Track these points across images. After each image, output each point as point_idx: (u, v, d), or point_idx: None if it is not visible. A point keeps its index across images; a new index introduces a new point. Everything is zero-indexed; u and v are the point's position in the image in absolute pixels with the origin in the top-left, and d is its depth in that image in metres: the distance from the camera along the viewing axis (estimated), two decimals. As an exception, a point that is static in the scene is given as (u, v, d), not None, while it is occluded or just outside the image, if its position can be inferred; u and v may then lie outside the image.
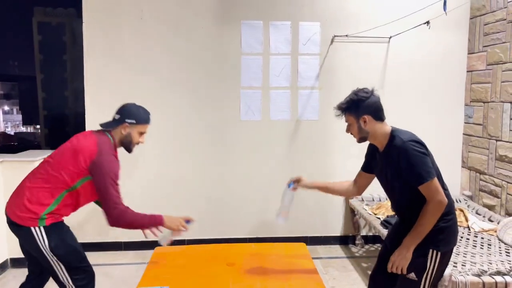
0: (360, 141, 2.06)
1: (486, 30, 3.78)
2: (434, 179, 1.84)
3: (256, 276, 2.21)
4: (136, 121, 2.24)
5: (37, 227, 2.04)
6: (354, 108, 1.98)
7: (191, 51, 3.89)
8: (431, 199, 1.84)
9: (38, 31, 5.37)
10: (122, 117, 2.22)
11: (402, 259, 1.90)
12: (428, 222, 1.85)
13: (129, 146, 2.29)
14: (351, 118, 2.02)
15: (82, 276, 2.18)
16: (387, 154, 1.97)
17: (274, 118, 4.02)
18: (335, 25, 3.96)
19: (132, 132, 2.25)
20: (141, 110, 2.29)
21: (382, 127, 1.99)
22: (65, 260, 2.10)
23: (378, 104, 1.99)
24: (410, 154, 1.84)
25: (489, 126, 3.73)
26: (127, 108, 2.26)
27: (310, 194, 4.08)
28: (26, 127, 39.30)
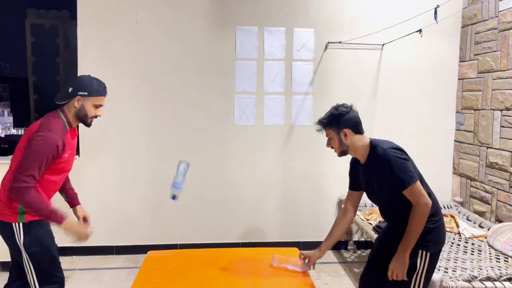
0: (340, 154, 2.13)
1: (478, 39, 3.84)
2: (416, 182, 1.91)
3: (248, 280, 2.21)
4: (88, 93, 2.10)
5: (17, 223, 2.04)
6: (335, 122, 2.06)
7: (185, 56, 3.90)
8: (417, 202, 1.91)
9: (31, 33, 5.34)
10: (74, 89, 2.10)
11: (400, 266, 1.95)
12: (418, 225, 1.91)
13: (85, 120, 2.16)
14: (332, 132, 2.09)
15: (50, 280, 2.15)
16: (370, 164, 2.04)
17: (268, 123, 4.03)
18: (329, 31, 3.99)
19: (86, 105, 2.12)
20: (94, 82, 2.15)
21: (361, 140, 2.06)
22: (36, 260, 2.08)
23: (357, 119, 2.08)
24: (392, 161, 1.91)
25: (480, 134, 3.78)
26: (79, 80, 2.15)
27: (302, 199, 4.11)
28: (17, 130, 38.91)
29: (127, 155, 3.91)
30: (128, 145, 3.91)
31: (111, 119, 3.80)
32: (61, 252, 3.71)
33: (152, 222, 3.98)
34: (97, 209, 3.85)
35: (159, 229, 4.01)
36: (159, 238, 3.99)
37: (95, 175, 3.89)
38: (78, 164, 3.70)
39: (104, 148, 3.87)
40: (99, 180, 3.89)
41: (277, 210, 4.12)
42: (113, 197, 3.92)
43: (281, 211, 4.11)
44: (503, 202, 3.45)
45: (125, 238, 3.98)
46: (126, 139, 3.91)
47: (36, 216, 2.07)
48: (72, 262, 3.78)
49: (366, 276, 2.27)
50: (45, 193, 2.13)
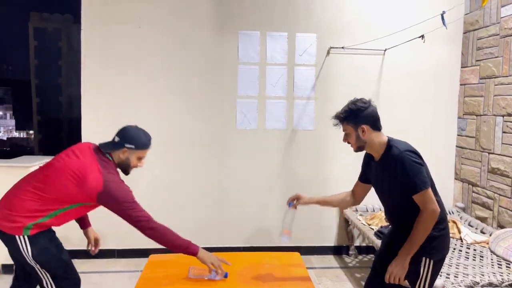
0: (357, 150, 2.09)
1: (479, 45, 3.85)
2: (428, 189, 1.88)
3: (250, 285, 2.21)
4: (135, 147, 2.15)
5: (21, 236, 2.01)
6: (353, 117, 2.01)
7: (188, 60, 3.91)
8: (425, 208, 1.88)
9: (34, 36, 5.37)
10: (122, 141, 2.13)
11: (399, 270, 1.92)
12: (423, 231, 1.89)
13: (126, 169, 2.22)
14: (349, 128, 2.04)
15: (67, 283, 2.16)
16: (383, 163, 2.01)
17: (269, 127, 4.04)
18: (331, 37, 4.01)
19: (131, 157, 2.18)
20: (142, 135, 2.19)
21: (379, 137, 2.02)
22: (49, 268, 2.08)
23: (375, 114, 2.03)
24: (406, 163, 1.88)
25: (482, 139, 3.78)
26: (127, 132, 2.17)
27: (305, 205, 4.10)
28: (19, 132, 38.91)
29: (129, 159, 3.92)
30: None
31: (114, 123, 3.79)
32: (63, 255, 3.73)
33: (154, 226, 3.98)
34: (99, 213, 3.83)
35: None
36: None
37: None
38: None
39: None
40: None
41: (279, 214, 4.10)
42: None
43: (282, 215, 4.09)
44: (505, 208, 3.45)
45: (126, 241, 3.98)
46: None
47: (42, 228, 2.06)
48: (73, 265, 3.78)
49: (370, 283, 2.25)
50: (63, 220, 2.14)
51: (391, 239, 2.13)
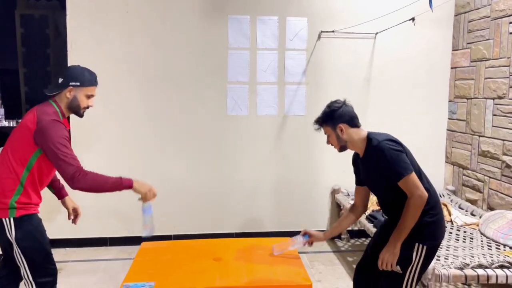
0: (340, 150, 2.16)
1: (470, 27, 3.83)
2: (411, 174, 1.90)
3: (242, 270, 2.22)
4: (80, 83, 2.10)
5: (7, 218, 2.02)
6: (330, 118, 2.09)
7: (177, 45, 3.86)
8: (411, 194, 1.90)
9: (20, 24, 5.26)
10: (66, 80, 2.10)
11: (390, 256, 1.95)
12: (411, 217, 1.90)
13: (77, 110, 2.16)
14: (329, 129, 2.12)
15: (44, 273, 2.14)
16: (367, 157, 2.06)
17: (261, 113, 4.01)
18: (322, 20, 3.96)
19: (78, 95, 2.12)
20: (86, 72, 2.15)
21: (358, 133, 2.08)
22: (28, 255, 2.07)
23: (350, 113, 2.10)
24: (386, 152, 1.92)
25: (472, 122, 3.79)
26: (71, 71, 2.14)
27: (296, 189, 4.11)
28: (8, 122, 38.39)
29: (119, 146, 3.89)
30: (120, 135, 3.88)
31: (103, 109, 3.76)
32: (54, 244, 3.70)
33: (146, 214, 3.97)
34: (90, 201, 3.81)
35: (154, 220, 3.99)
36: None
37: (88, 166, 3.83)
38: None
39: (96, 139, 3.84)
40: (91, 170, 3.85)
41: (271, 200, 4.13)
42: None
43: (275, 201, 4.12)
44: (495, 190, 3.48)
45: (118, 229, 3.97)
46: (118, 130, 3.87)
47: (27, 210, 2.06)
48: (65, 254, 3.77)
49: (361, 267, 2.28)
50: (38, 185, 2.11)
51: (387, 225, 2.14)
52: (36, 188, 2.11)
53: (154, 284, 2.03)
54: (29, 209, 2.08)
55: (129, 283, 2.04)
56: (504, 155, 3.38)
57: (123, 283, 2.05)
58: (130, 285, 2.03)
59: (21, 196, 2.04)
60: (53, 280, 2.19)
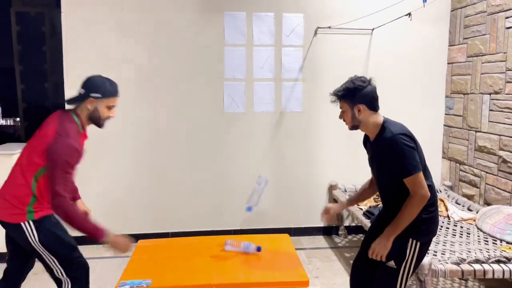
0: (352, 128, 2.08)
1: (467, 23, 3.83)
2: (419, 173, 1.88)
3: (239, 267, 2.22)
4: (102, 95, 2.06)
5: (26, 222, 2.00)
6: (350, 96, 2.00)
7: (173, 42, 3.84)
8: (415, 192, 1.89)
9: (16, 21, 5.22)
10: (87, 91, 2.06)
11: (381, 247, 1.95)
12: (410, 214, 1.90)
13: (98, 121, 2.13)
14: (346, 106, 2.03)
15: (76, 269, 2.16)
16: (377, 144, 2.01)
17: (257, 110, 4.01)
18: (319, 16, 3.95)
19: (99, 107, 2.08)
20: (107, 83, 2.10)
21: (374, 117, 2.02)
22: (56, 253, 2.07)
23: (374, 94, 2.02)
24: (398, 147, 1.88)
25: (469, 118, 3.79)
26: (91, 81, 2.09)
27: (293, 186, 4.11)
28: (5, 120, 38.24)
29: (116, 144, 3.88)
30: (118, 133, 3.86)
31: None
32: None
33: (144, 211, 3.96)
34: (88, 198, 3.80)
35: (151, 218, 4.00)
36: (150, 227, 3.99)
37: (86, 164, 3.84)
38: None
39: (94, 137, 3.81)
40: (90, 169, 3.85)
41: (268, 197, 4.12)
42: (104, 186, 3.89)
43: (272, 198, 4.11)
44: (492, 186, 3.49)
45: (116, 227, 3.93)
46: (115, 127, 3.85)
47: (45, 212, 2.05)
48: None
49: (358, 262, 2.28)
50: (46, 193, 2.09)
51: (383, 219, 2.13)
52: (46, 196, 2.06)
53: (151, 281, 2.03)
54: (46, 210, 2.07)
55: (126, 281, 2.04)
56: (501, 150, 3.38)
57: (120, 281, 2.04)
58: (127, 282, 2.03)
59: (36, 203, 2.04)
60: (86, 275, 2.22)
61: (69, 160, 1.97)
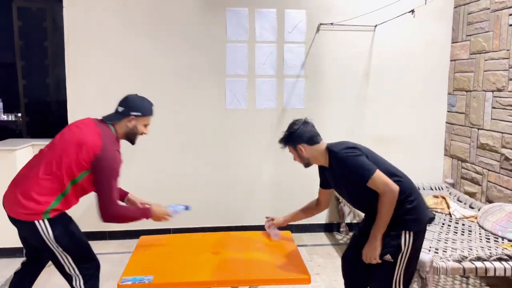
0: (306, 166, 2.24)
1: (470, 19, 3.81)
2: (375, 173, 1.97)
3: (241, 264, 2.22)
4: (142, 114, 2.18)
5: (41, 220, 2.01)
6: (290, 140, 2.18)
7: (175, 38, 3.83)
8: (382, 191, 1.97)
9: (18, 17, 5.21)
10: (127, 109, 2.15)
11: (372, 250, 2.03)
12: (386, 212, 1.98)
13: (133, 138, 2.25)
14: (291, 149, 2.21)
15: (88, 265, 2.17)
16: (332, 168, 2.13)
17: (259, 106, 4.00)
18: (321, 13, 3.94)
19: (138, 125, 2.19)
20: (146, 102, 2.23)
21: (318, 149, 2.16)
22: (70, 250, 2.08)
23: (310, 132, 2.16)
24: (346, 160, 2.02)
25: (471, 115, 3.78)
26: (131, 100, 2.18)
27: (294, 183, 4.11)
28: (7, 115, 38.25)
29: (117, 140, 3.87)
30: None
31: (101, 103, 3.73)
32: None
33: (145, 207, 3.97)
34: (89, 194, 3.81)
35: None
36: (152, 223, 3.97)
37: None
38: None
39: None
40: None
41: (269, 194, 4.13)
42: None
43: (273, 195, 4.12)
44: (494, 183, 3.48)
45: (117, 224, 3.96)
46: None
47: (59, 211, 2.07)
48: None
49: (348, 256, 2.32)
50: (86, 192, 2.16)
51: (365, 223, 2.22)
52: (74, 200, 2.14)
53: (153, 277, 2.03)
54: (61, 210, 2.09)
55: (128, 277, 2.04)
56: (503, 147, 3.37)
57: (122, 277, 2.05)
58: (129, 278, 2.03)
59: (59, 204, 2.05)
60: (97, 272, 2.24)
61: (118, 169, 2.08)
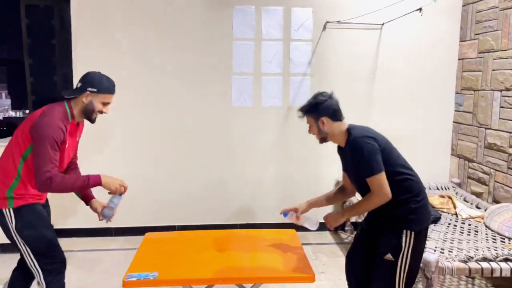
0: (321, 141, 2.22)
1: (478, 18, 3.78)
2: (378, 175, 1.95)
3: (245, 261, 2.22)
4: (97, 90, 2.12)
5: (7, 209, 2.04)
6: (313, 110, 2.14)
7: (182, 36, 3.84)
8: (375, 192, 1.98)
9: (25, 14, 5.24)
10: (84, 85, 2.12)
11: (333, 219, 2.18)
12: (366, 207, 2.05)
13: (90, 115, 2.17)
14: (311, 120, 2.17)
15: (49, 260, 2.15)
16: (347, 150, 2.11)
17: (265, 104, 4.00)
18: (328, 11, 3.92)
19: (94, 101, 2.14)
20: (104, 79, 2.16)
21: (340, 126, 2.13)
22: (31, 244, 2.09)
23: (335, 107, 2.13)
24: (359, 149, 1.99)
25: (479, 114, 3.75)
26: (89, 76, 2.15)
27: (300, 180, 4.11)
28: (15, 112, 38.57)
29: (125, 136, 3.90)
30: (126, 126, 3.89)
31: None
32: (61, 234, 3.74)
33: (151, 204, 3.99)
34: (95, 191, 3.83)
35: (158, 211, 4.02)
36: (158, 219, 4.01)
37: (94, 157, 3.88)
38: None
39: (102, 130, 3.83)
40: (98, 162, 3.88)
41: (275, 192, 4.13)
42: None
43: (279, 193, 4.11)
44: (501, 183, 3.46)
45: (124, 220, 3.98)
46: (124, 120, 3.88)
47: (25, 200, 2.07)
48: (72, 244, 3.80)
49: (352, 256, 2.31)
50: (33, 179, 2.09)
51: (373, 215, 2.19)
52: (32, 178, 2.07)
53: (158, 274, 2.04)
54: (27, 199, 2.08)
55: (133, 273, 2.06)
56: (511, 147, 3.34)
57: (127, 273, 2.06)
58: (134, 275, 2.04)
59: (18, 186, 2.05)
60: (61, 267, 2.21)
61: (55, 137, 1.99)
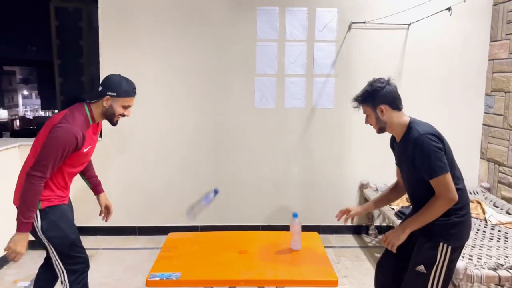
0: (379, 131, 2.06)
1: (510, 18, 3.65)
2: (445, 174, 1.82)
3: (267, 264, 2.21)
4: (117, 94, 2.12)
5: None
6: (370, 98, 1.99)
7: (206, 37, 3.86)
8: (440, 195, 1.84)
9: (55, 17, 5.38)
10: (104, 89, 2.12)
11: (394, 237, 1.94)
12: (431, 214, 1.87)
13: (111, 119, 2.18)
14: (368, 109, 2.02)
15: (73, 261, 2.19)
16: (404, 145, 1.96)
17: (288, 106, 3.98)
18: (353, 11, 3.87)
19: (114, 105, 2.13)
20: (124, 82, 2.15)
21: (399, 117, 1.98)
22: (55, 244, 2.13)
23: (394, 93, 1.98)
24: (424, 147, 1.83)
25: (510, 117, 3.63)
26: (109, 80, 2.15)
27: (322, 183, 4.06)
28: (44, 112, 39.76)
29: (149, 137, 3.95)
30: (150, 126, 3.94)
31: (133, 101, 3.81)
32: (86, 232, 3.82)
33: (174, 204, 4.02)
34: (120, 190, 3.91)
35: (181, 211, 4.04)
36: (180, 219, 4.04)
37: (118, 157, 3.95)
38: (101, 146, 3.74)
39: (126, 130, 3.90)
40: (122, 162, 3.95)
41: (297, 194, 4.10)
42: (136, 178, 3.97)
43: (301, 195, 4.09)
44: (533, 188, 3.33)
45: (147, 219, 4.04)
46: (149, 120, 3.93)
47: (51, 202, 2.11)
48: (96, 242, 3.88)
49: (383, 263, 2.22)
50: (62, 181, 2.15)
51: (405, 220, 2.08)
52: (57, 182, 2.12)
53: (180, 274, 2.05)
54: (53, 201, 2.12)
55: (156, 273, 2.07)
56: (544, 152, 3.21)
57: (150, 272, 2.08)
58: (157, 274, 2.06)
59: (44, 189, 2.06)
60: (84, 268, 2.25)
61: (68, 146, 2.00)
